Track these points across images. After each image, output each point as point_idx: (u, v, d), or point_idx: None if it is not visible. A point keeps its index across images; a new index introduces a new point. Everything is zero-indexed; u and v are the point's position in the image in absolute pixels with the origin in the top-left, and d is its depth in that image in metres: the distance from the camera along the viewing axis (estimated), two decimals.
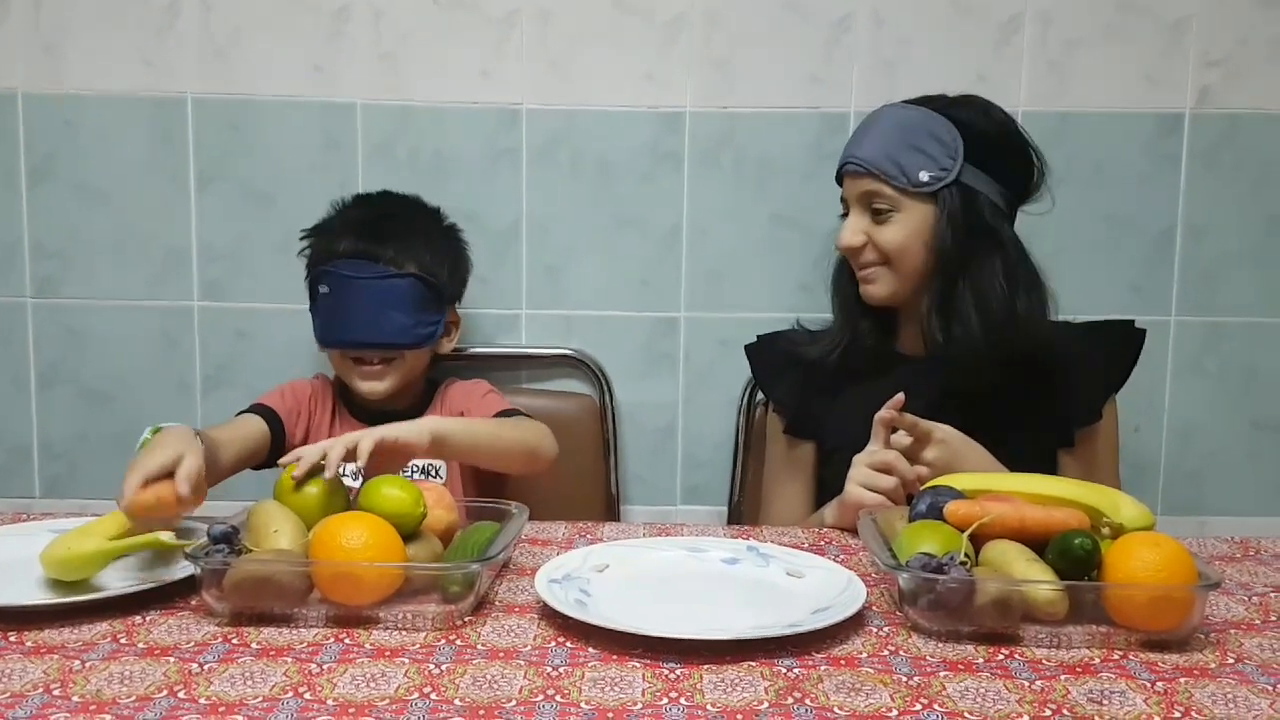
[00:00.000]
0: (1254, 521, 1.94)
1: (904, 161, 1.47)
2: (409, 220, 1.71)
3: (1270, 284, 1.93)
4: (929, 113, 1.50)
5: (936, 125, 1.48)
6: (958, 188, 1.47)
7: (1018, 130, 1.53)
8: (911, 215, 1.48)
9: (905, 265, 1.50)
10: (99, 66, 1.89)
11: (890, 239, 1.49)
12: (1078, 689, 0.89)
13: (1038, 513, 1.08)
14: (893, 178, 1.47)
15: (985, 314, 1.46)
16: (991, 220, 1.48)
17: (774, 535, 1.34)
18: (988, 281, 1.47)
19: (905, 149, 1.47)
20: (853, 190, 1.53)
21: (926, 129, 1.48)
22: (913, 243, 1.49)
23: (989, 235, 1.48)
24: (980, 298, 1.46)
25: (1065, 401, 1.53)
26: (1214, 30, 1.88)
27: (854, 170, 1.51)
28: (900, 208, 1.49)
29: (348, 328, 1.63)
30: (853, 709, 0.85)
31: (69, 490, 1.96)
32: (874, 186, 1.49)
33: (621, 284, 1.95)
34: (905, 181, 1.47)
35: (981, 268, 1.47)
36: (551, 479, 1.60)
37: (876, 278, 1.53)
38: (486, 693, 0.87)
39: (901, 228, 1.49)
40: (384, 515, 1.07)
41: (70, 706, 0.84)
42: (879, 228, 1.50)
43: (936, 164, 1.47)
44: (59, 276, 1.93)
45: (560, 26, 1.89)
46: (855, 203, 1.53)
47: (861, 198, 1.51)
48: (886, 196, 1.49)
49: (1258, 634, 1.02)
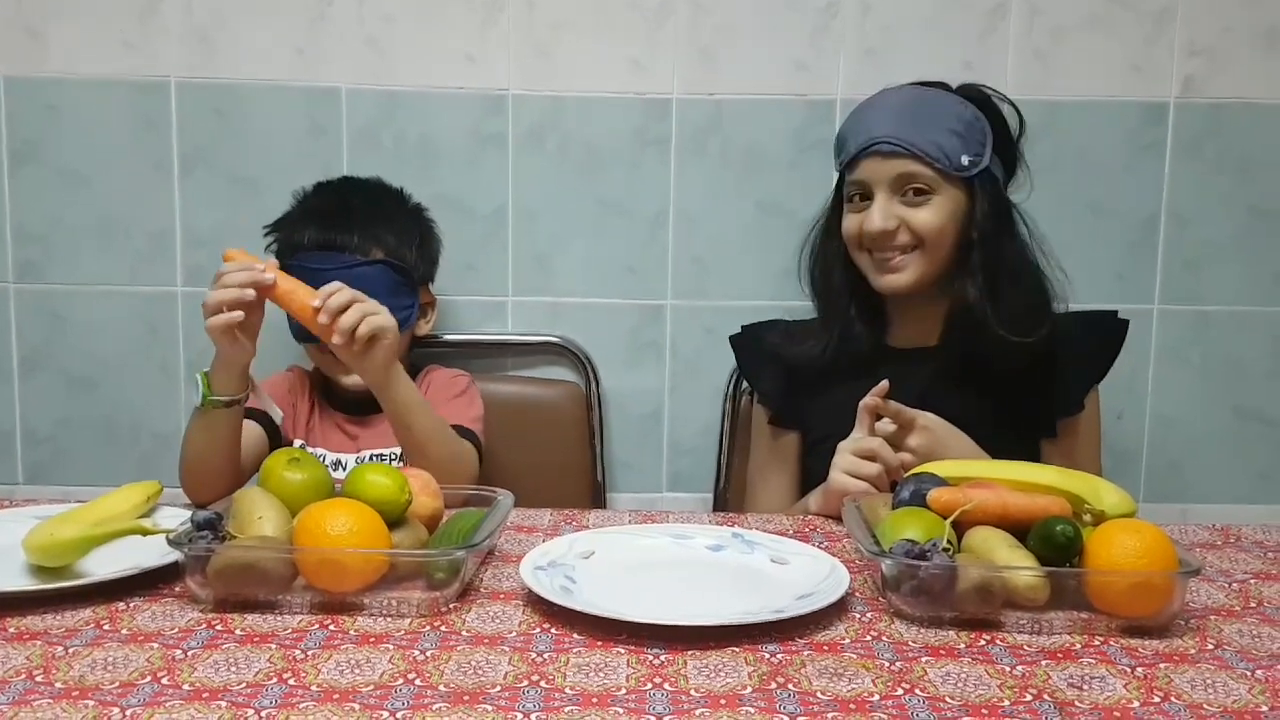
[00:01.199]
0: (1234, 509, 1.95)
1: (944, 144, 1.45)
2: (371, 206, 1.69)
3: (1252, 273, 1.94)
4: (954, 97, 1.50)
5: (966, 112, 1.48)
6: (988, 174, 1.48)
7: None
8: (947, 198, 1.47)
9: (938, 250, 1.48)
10: (81, 50, 1.88)
11: (928, 221, 1.46)
12: (1058, 674, 0.90)
13: (1020, 499, 1.08)
14: (935, 159, 1.45)
15: (1029, 298, 1.48)
16: (1012, 209, 1.52)
17: (758, 522, 1.34)
18: (1024, 267, 1.49)
19: (943, 132, 1.46)
20: (881, 172, 1.47)
21: (957, 113, 1.48)
22: (949, 226, 1.48)
23: (1013, 223, 1.51)
24: (1020, 283, 1.48)
25: (1048, 391, 1.53)
26: (1198, 19, 1.88)
27: (889, 150, 1.46)
28: (938, 190, 1.47)
29: None
30: (835, 694, 0.85)
31: (52, 476, 1.96)
32: (913, 168, 1.46)
33: (608, 271, 1.94)
34: (948, 164, 1.45)
35: (1017, 255, 1.50)
36: (537, 466, 1.60)
37: (905, 265, 1.49)
38: (471, 679, 0.87)
39: (938, 211, 1.47)
40: (369, 502, 1.07)
41: (53, 693, 0.83)
42: (913, 210, 1.47)
43: (973, 149, 1.47)
44: (41, 261, 1.92)
45: (546, 11, 1.88)
46: (884, 186, 1.48)
47: (895, 180, 1.47)
48: (925, 179, 1.46)
49: (1237, 620, 1.03)
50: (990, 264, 1.48)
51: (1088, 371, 1.57)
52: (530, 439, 1.85)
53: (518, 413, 1.87)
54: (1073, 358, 1.54)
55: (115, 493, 1.22)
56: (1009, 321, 1.46)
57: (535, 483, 1.61)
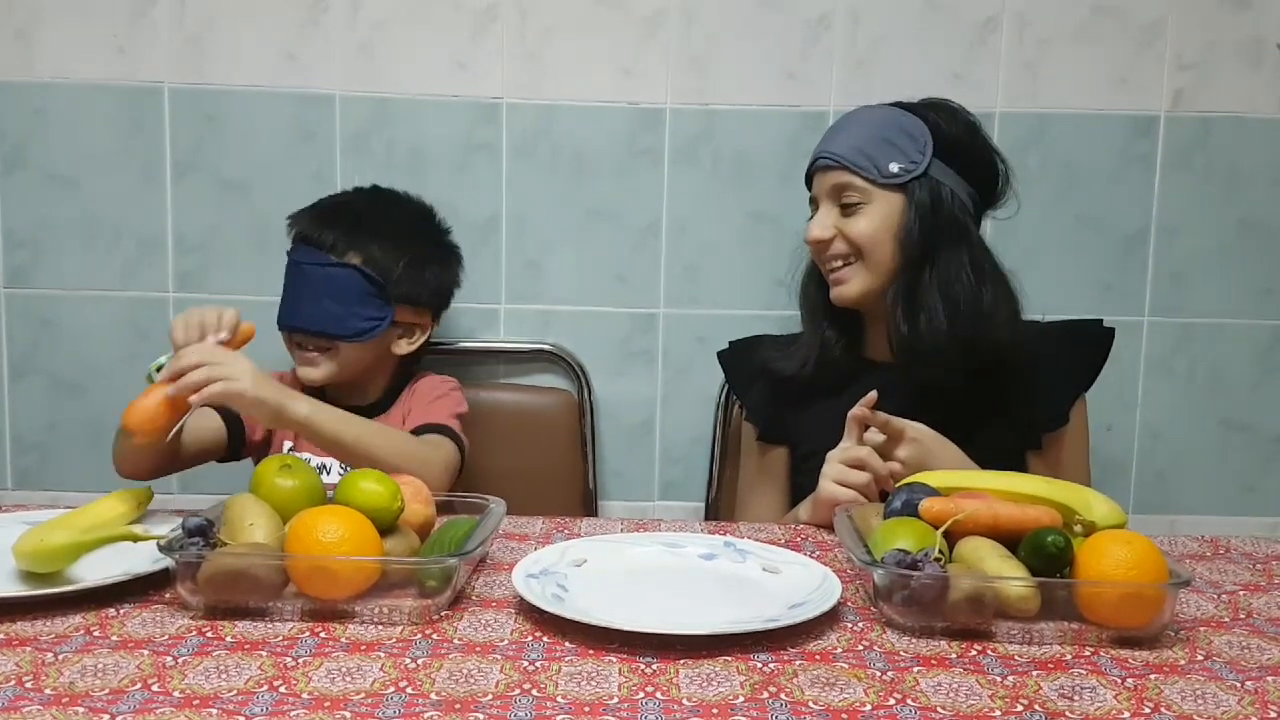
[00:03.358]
0: (1222, 520, 1.96)
1: (874, 154, 1.49)
2: (368, 212, 1.68)
3: (1240, 286, 1.95)
4: (898, 110, 1.53)
5: (906, 121, 1.51)
6: (926, 181, 1.49)
7: (983, 133, 1.55)
8: (880, 207, 1.49)
9: (875, 258, 1.50)
10: (71, 54, 1.87)
11: (860, 230, 1.50)
12: (1049, 685, 0.90)
13: (1011, 510, 1.09)
14: (863, 169, 1.49)
15: (951, 305, 1.46)
16: (959, 215, 1.49)
17: (750, 531, 1.34)
18: (954, 273, 1.47)
19: (876, 142, 1.49)
20: (823, 185, 1.54)
21: (896, 124, 1.51)
22: (882, 234, 1.49)
23: (956, 229, 1.49)
24: (946, 288, 1.46)
25: (1033, 403, 1.53)
26: (1186, 33, 1.90)
27: (825, 164, 1.52)
28: (870, 199, 1.49)
29: (289, 312, 1.63)
30: (827, 703, 0.85)
31: (41, 482, 1.95)
32: (845, 179, 1.50)
33: (600, 279, 1.95)
34: (875, 173, 1.48)
35: (949, 261, 1.48)
36: (529, 474, 1.60)
37: (848, 276, 1.53)
38: (463, 687, 0.87)
39: (870, 219, 1.50)
40: (361, 509, 1.07)
41: (43, 699, 0.83)
42: (848, 220, 1.51)
43: (906, 156, 1.48)
44: (30, 266, 1.91)
45: (538, 20, 1.89)
46: (825, 197, 1.54)
47: (831, 191, 1.52)
48: (857, 188, 1.50)
49: (1226, 631, 1.04)
50: (915, 268, 1.48)
51: (1072, 382, 1.57)
52: (522, 447, 1.85)
53: (509, 420, 1.87)
54: (1057, 369, 1.54)
55: (106, 499, 1.22)
56: (928, 329, 1.45)
57: (527, 490, 1.61)
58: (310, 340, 1.63)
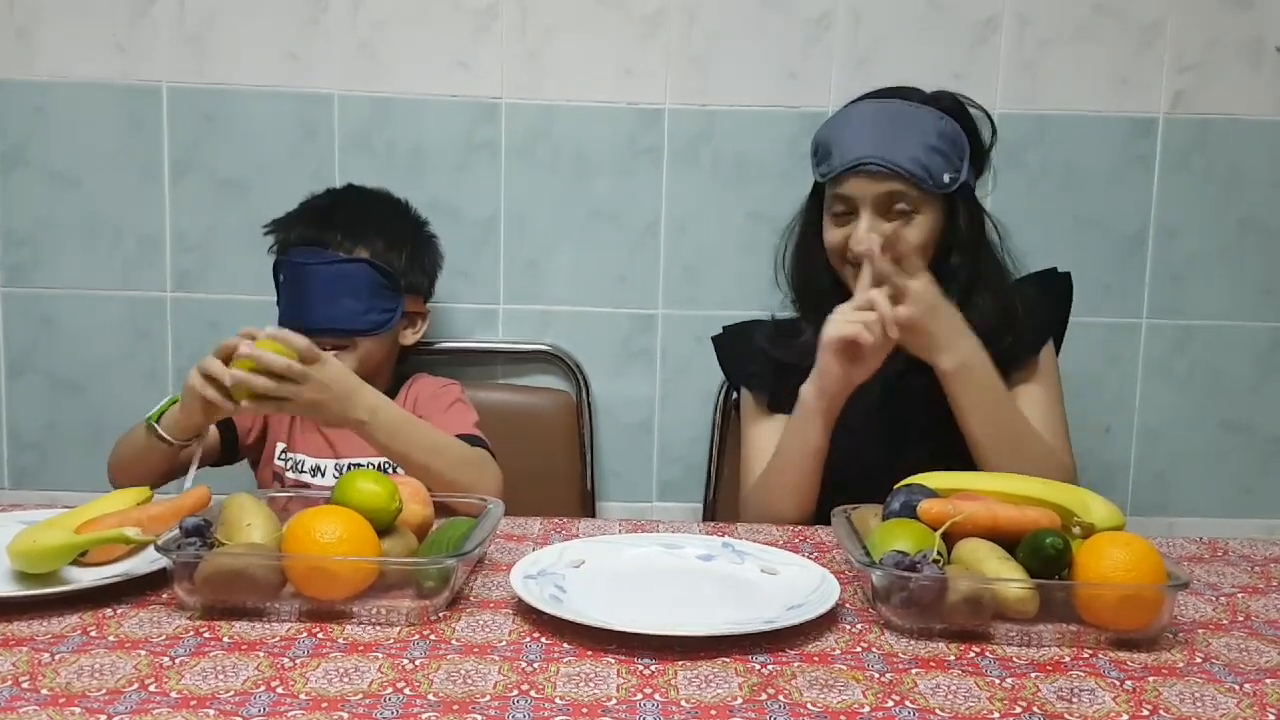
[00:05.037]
0: (1221, 522, 1.96)
1: (929, 163, 1.46)
2: (362, 207, 1.70)
3: (1239, 287, 1.95)
4: (938, 112, 1.50)
5: (947, 127, 1.49)
6: (965, 188, 1.51)
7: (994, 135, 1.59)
8: (929, 216, 1.50)
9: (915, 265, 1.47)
10: (71, 53, 1.87)
11: (912, 240, 1.46)
12: (1048, 687, 0.90)
13: (1010, 512, 1.09)
14: (920, 179, 1.46)
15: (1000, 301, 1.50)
16: (985, 217, 1.55)
17: (749, 532, 1.34)
18: (996, 274, 1.53)
19: (926, 150, 1.46)
20: (868, 191, 1.47)
21: (938, 130, 1.48)
22: (930, 243, 1.50)
23: (983, 230, 1.54)
24: (991, 288, 1.51)
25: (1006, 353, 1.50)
26: (1186, 34, 1.90)
27: (877, 171, 1.46)
28: (920, 208, 1.48)
29: (302, 314, 1.61)
30: (825, 705, 0.85)
31: (38, 481, 1.95)
32: (898, 188, 1.47)
33: (599, 280, 1.94)
34: (931, 184, 1.47)
35: (990, 262, 1.54)
36: (527, 474, 1.60)
37: None
38: (460, 688, 0.87)
39: (920, 229, 1.49)
40: (359, 510, 1.06)
41: (39, 699, 0.83)
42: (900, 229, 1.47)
43: (953, 166, 1.49)
44: (29, 265, 1.91)
45: (539, 20, 1.89)
46: (869, 204, 1.48)
47: (881, 199, 1.47)
48: (910, 198, 1.47)
49: (1225, 634, 1.04)
50: (968, 274, 1.51)
51: (1042, 327, 1.57)
52: (520, 447, 1.83)
53: (508, 421, 1.86)
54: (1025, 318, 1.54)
55: (104, 499, 1.21)
56: (981, 328, 1.46)
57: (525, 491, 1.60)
58: (328, 340, 1.63)
